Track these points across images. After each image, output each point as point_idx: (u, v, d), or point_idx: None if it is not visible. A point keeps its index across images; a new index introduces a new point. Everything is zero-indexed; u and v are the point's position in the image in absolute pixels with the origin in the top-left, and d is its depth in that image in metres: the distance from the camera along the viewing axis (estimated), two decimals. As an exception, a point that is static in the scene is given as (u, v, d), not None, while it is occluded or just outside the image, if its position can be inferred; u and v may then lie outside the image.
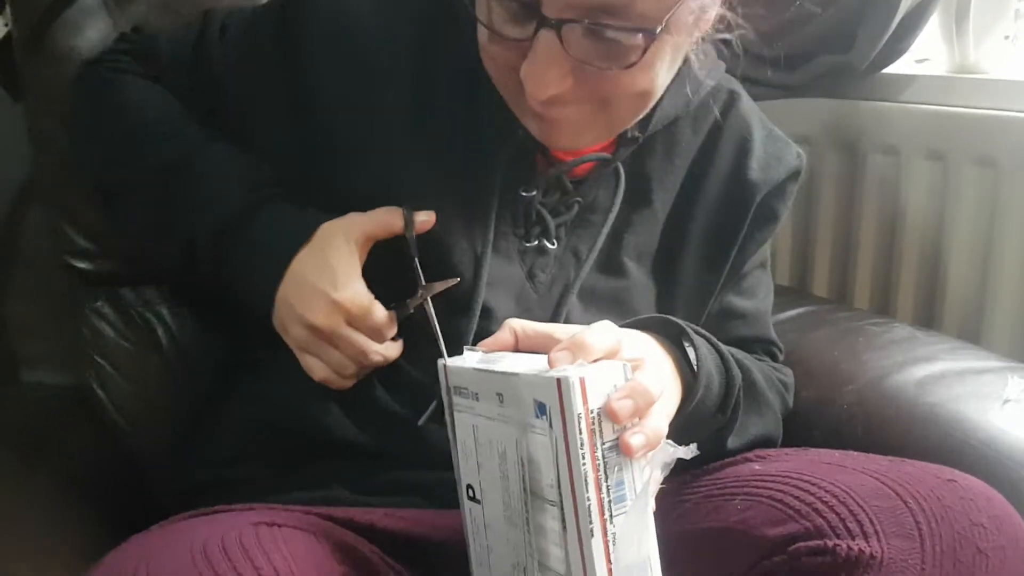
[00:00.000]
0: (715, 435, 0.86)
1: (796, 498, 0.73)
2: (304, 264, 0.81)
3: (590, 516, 0.61)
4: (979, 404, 0.94)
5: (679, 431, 0.75)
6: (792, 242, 1.45)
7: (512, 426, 0.66)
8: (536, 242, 0.86)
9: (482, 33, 0.76)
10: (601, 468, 0.61)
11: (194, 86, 0.92)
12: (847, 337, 1.11)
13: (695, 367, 0.79)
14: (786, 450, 0.84)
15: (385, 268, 0.82)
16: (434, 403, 0.82)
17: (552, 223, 0.86)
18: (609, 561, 0.61)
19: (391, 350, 0.82)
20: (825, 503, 0.71)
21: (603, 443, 0.61)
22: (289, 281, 0.81)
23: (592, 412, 0.61)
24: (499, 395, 0.67)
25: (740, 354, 0.91)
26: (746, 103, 0.94)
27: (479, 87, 0.83)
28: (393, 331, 0.82)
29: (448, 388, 0.73)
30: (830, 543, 0.69)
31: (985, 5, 1.25)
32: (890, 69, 1.28)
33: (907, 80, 1.29)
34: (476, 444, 0.70)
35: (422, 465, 0.82)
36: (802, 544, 0.70)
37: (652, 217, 0.90)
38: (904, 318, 1.29)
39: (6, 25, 1.09)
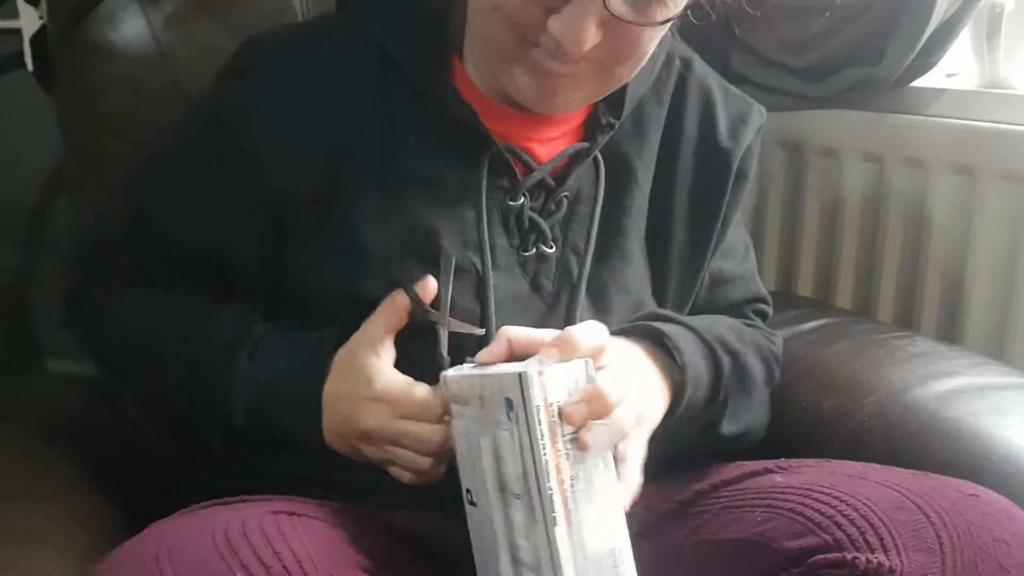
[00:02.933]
0: (708, 424, 0.87)
1: (816, 511, 0.73)
2: (336, 390, 0.79)
3: (553, 505, 0.63)
4: (1000, 420, 0.93)
5: (675, 427, 0.76)
6: (816, 254, 1.44)
7: (489, 426, 0.68)
8: (534, 249, 0.86)
9: None
10: (563, 458, 0.63)
11: (162, 256, 0.90)
12: (869, 349, 1.10)
13: (680, 363, 0.81)
14: (807, 461, 0.84)
15: (412, 349, 0.80)
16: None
17: (546, 226, 0.85)
18: (574, 549, 0.63)
19: (442, 436, 0.78)
20: (845, 516, 0.71)
21: (564, 435, 0.64)
22: (329, 413, 0.79)
23: (552, 405, 0.64)
24: (480, 398, 0.69)
25: (731, 332, 0.90)
26: (700, 67, 0.94)
27: (434, 112, 0.83)
28: (439, 405, 0.78)
29: (448, 397, 0.74)
30: (849, 556, 0.69)
31: (1016, 21, 1.24)
32: (919, 83, 1.28)
33: (936, 94, 1.29)
34: (468, 449, 0.72)
35: (445, 505, 0.82)
36: (821, 557, 0.70)
37: (641, 196, 0.90)
38: (927, 332, 1.28)
39: (40, 18, 1.10)
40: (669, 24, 0.75)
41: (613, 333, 0.82)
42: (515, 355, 0.74)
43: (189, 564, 0.63)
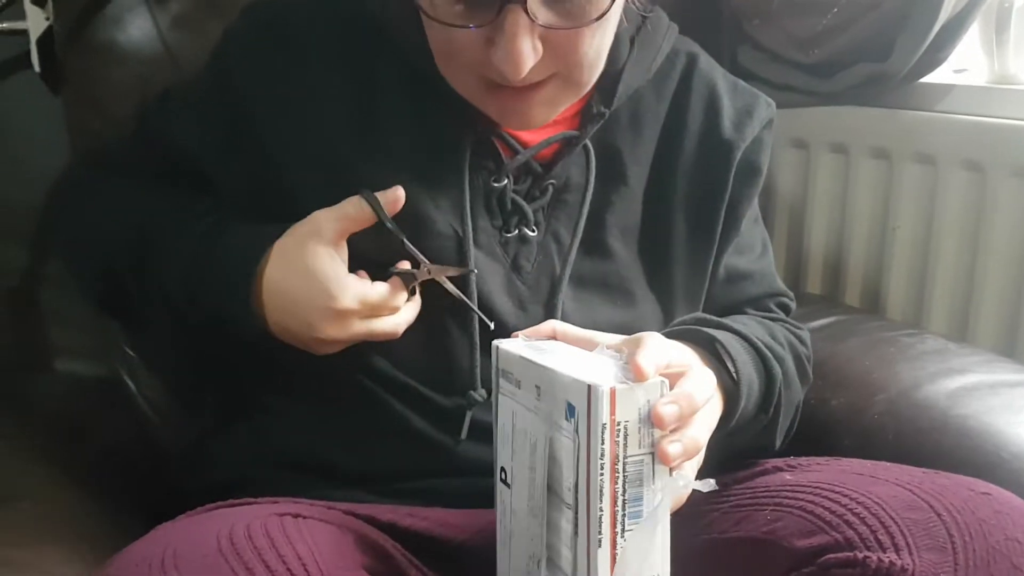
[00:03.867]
0: (761, 432, 0.86)
1: (827, 509, 0.72)
2: (279, 282, 0.78)
3: (600, 526, 0.61)
4: (1012, 417, 0.93)
5: (725, 438, 0.75)
6: (824, 251, 1.44)
7: (544, 421, 0.66)
8: (516, 231, 0.86)
9: (437, 34, 0.75)
10: (620, 481, 0.61)
11: (154, 166, 0.91)
12: (879, 347, 1.10)
13: (735, 376, 0.79)
14: (817, 459, 0.84)
15: (375, 262, 0.80)
16: (468, 416, 0.82)
17: (529, 209, 0.86)
18: (613, 573, 0.62)
19: (410, 311, 0.81)
20: (856, 515, 0.70)
21: (626, 456, 0.61)
22: (275, 309, 0.79)
23: (619, 424, 0.61)
24: (537, 387, 0.67)
25: (771, 336, 0.90)
26: (706, 62, 0.93)
27: (424, 89, 0.83)
28: (404, 298, 0.80)
29: (497, 370, 0.73)
30: (860, 555, 0.68)
31: (1026, 16, 1.23)
32: (928, 79, 1.27)
33: (945, 90, 1.28)
34: (513, 430, 0.70)
35: (451, 475, 0.82)
36: (832, 556, 0.70)
37: (629, 194, 0.89)
38: (937, 329, 1.28)
39: (47, 18, 1.10)
40: (606, 19, 0.74)
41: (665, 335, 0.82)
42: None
43: (194, 567, 0.63)
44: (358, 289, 0.77)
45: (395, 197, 0.79)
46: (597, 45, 0.77)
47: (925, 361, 1.05)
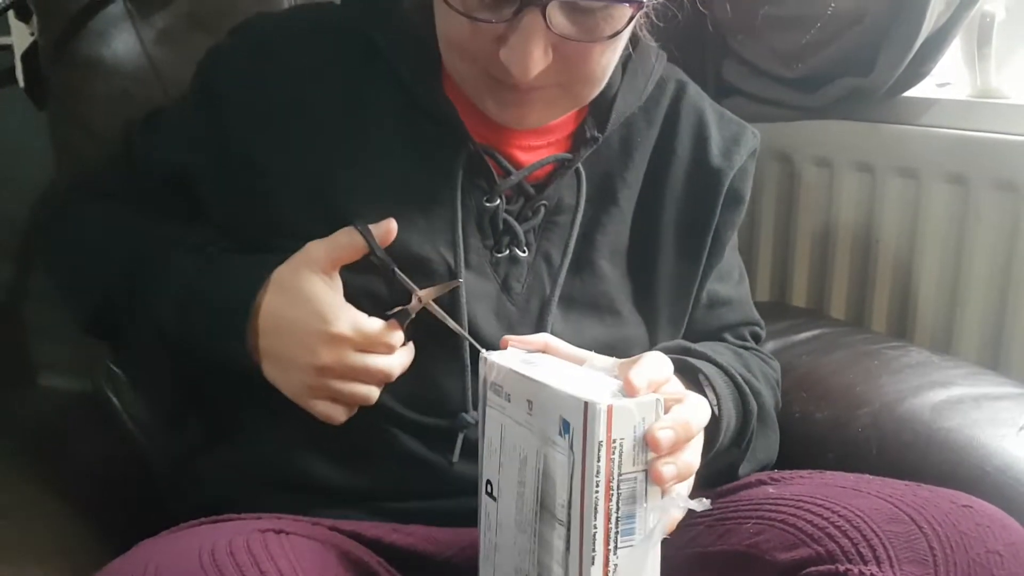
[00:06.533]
0: (728, 464, 0.86)
1: (809, 522, 0.72)
2: (278, 309, 0.78)
3: (594, 544, 0.61)
4: (995, 430, 0.93)
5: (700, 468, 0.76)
6: (809, 264, 1.44)
7: (536, 436, 0.66)
8: (507, 251, 0.86)
9: (452, 22, 0.75)
10: (614, 499, 0.61)
11: (145, 190, 0.92)
12: (863, 360, 1.10)
13: (716, 411, 0.79)
14: (800, 473, 0.84)
15: (366, 291, 0.80)
16: (460, 439, 0.82)
17: (521, 230, 0.86)
18: None
19: (405, 356, 0.80)
20: (838, 528, 0.70)
21: (620, 474, 0.61)
22: (270, 333, 0.78)
23: (615, 441, 0.61)
24: (529, 402, 0.66)
25: (745, 367, 0.91)
26: (694, 90, 0.95)
27: (415, 109, 0.83)
28: (401, 338, 0.79)
29: (486, 382, 0.72)
30: (842, 568, 0.68)
31: (1007, 29, 1.24)
32: (911, 92, 1.28)
33: (928, 103, 1.29)
34: (501, 444, 0.70)
35: (443, 495, 0.82)
36: (814, 569, 0.70)
37: (619, 215, 0.90)
38: (921, 343, 1.28)
39: (32, 34, 1.10)
40: (620, 38, 0.75)
41: None
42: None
43: None
44: (353, 316, 0.77)
45: (387, 229, 0.79)
46: (604, 63, 0.78)
47: (909, 374, 1.05)
